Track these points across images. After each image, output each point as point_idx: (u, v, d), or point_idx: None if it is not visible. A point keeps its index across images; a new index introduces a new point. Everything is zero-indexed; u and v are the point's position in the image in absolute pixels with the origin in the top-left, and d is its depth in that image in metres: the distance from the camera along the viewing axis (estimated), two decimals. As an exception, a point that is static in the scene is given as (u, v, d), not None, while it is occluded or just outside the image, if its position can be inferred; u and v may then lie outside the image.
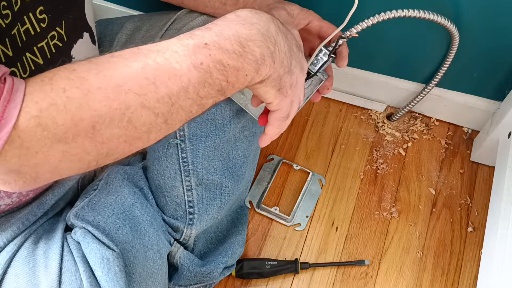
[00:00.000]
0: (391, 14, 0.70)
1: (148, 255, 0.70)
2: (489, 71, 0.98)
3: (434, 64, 0.99)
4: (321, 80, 0.72)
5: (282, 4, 0.73)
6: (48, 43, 0.57)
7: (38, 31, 0.55)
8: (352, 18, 0.68)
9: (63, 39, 0.60)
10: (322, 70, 0.71)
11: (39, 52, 0.56)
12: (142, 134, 0.45)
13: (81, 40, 0.65)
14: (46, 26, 0.56)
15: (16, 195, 0.66)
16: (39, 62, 0.56)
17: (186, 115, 0.47)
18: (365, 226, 1.03)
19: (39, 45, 0.56)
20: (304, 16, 0.73)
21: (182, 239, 0.82)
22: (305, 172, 1.08)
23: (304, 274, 0.98)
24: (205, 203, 0.80)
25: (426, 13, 0.73)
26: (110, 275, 0.63)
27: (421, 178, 1.09)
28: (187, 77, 0.45)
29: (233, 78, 0.48)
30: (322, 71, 0.72)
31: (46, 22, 0.55)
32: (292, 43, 0.54)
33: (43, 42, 0.56)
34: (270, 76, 0.52)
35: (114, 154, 0.46)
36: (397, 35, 0.96)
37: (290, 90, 0.55)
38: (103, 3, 1.14)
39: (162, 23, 0.82)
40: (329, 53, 0.71)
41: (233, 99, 0.74)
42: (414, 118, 1.15)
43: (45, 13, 0.55)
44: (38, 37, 0.55)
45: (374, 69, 1.07)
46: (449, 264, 0.99)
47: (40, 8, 0.54)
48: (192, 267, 0.84)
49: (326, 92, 0.75)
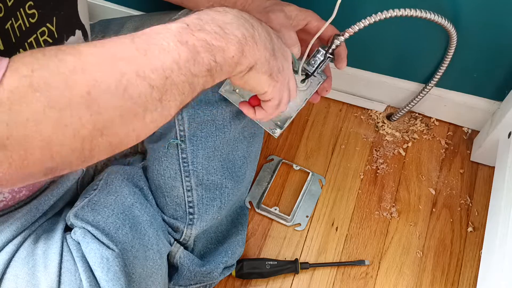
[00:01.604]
0: (387, 13, 0.70)
1: (148, 255, 0.70)
2: (489, 71, 0.98)
3: (433, 63, 0.99)
4: (319, 81, 0.72)
5: (280, 6, 0.72)
6: (37, 39, 0.56)
7: (28, 27, 0.54)
8: (350, 18, 0.68)
9: (54, 36, 0.59)
10: (320, 71, 0.71)
11: (29, 48, 0.55)
12: (138, 110, 0.43)
13: (72, 37, 0.65)
14: (35, 21, 0.54)
15: (8, 191, 0.65)
16: None
17: (179, 96, 0.46)
18: (365, 226, 1.03)
19: (28, 40, 0.55)
20: (302, 17, 0.73)
21: (182, 239, 0.82)
22: (305, 172, 1.08)
23: (304, 274, 0.98)
24: (205, 203, 0.80)
25: (423, 12, 0.73)
26: (110, 275, 0.63)
27: (421, 178, 1.09)
28: (177, 52, 0.45)
29: (220, 58, 0.48)
30: (320, 72, 0.71)
31: (35, 18, 0.54)
32: (269, 30, 0.56)
33: (32, 38, 0.55)
34: (258, 60, 0.52)
35: (109, 134, 0.42)
36: (397, 35, 0.96)
37: (280, 75, 0.57)
38: (103, 3, 1.14)
39: (163, 23, 0.82)
40: (325, 53, 0.70)
41: (230, 100, 0.75)
42: (414, 118, 1.15)
43: (34, 8, 0.54)
44: (28, 33, 0.54)
45: (374, 69, 1.07)
46: (449, 264, 0.99)
47: (29, 3, 0.53)
48: (192, 267, 0.84)
49: (325, 94, 0.75)
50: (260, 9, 0.73)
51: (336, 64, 0.74)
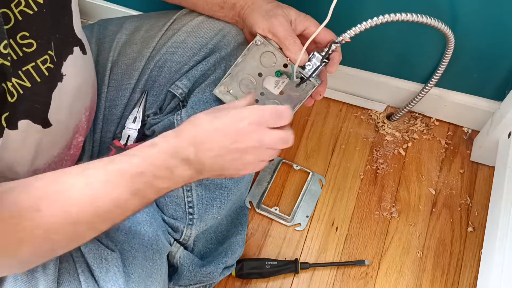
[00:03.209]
0: (384, 18, 0.69)
1: (147, 255, 0.70)
2: (489, 71, 0.98)
3: (433, 63, 0.99)
4: (314, 86, 0.72)
5: (281, 10, 0.72)
6: (36, 66, 0.57)
7: (21, 56, 0.55)
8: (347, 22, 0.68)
9: (53, 60, 0.60)
10: (315, 75, 0.71)
11: (25, 76, 0.55)
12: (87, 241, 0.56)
13: (71, 56, 0.65)
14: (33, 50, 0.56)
15: None
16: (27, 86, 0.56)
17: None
18: (365, 226, 1.03)
19: (24, 68, 0.55)
20: (301, 22, 0.73)
21: (182, 239, 0.82)
22: (305, 172, 1.08)
23: (304, 274, 0.98)
24: (205, 203, 0.80)
25: (419, 17, 0.73)
26: (109, 275, 0.63)
27: (421, 178, 1.09)
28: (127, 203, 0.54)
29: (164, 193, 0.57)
30: (315, 77, 0.71)
31: (34, 47, 0.55)
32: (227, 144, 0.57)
33: (29, 66, 0.56)
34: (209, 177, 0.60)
35: None
36: (397, 35, 0.96)
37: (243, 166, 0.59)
38: (103, 3, 1.14)
39: (162, 23, 0.82)
40: (322, 58, 0.71)
41: (224, 101, 0.75)
42: (414, 118, 1.15)
43: (31, 38, 0.55)
44: (22, 61, 0.55)
45: (374, 69, 1.07)
46: (449, 264, 0.99)
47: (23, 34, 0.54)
48: (192, 267, 0.84)
49: (319, 98, 0.75)
50: (262, 13, 0.73)
51: (327, 67, 0.73)
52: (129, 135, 0.81)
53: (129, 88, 0.81)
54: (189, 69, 0.80)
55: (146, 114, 0.81)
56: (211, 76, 0.79)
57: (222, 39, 0.79)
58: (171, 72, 0.80)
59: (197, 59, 0.79)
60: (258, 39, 0.72)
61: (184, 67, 0.80)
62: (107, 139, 0.81)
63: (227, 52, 0.79)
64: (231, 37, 0.80)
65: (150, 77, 0.81)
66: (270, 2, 0.74)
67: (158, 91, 0.81)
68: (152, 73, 0.81)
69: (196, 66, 0.79)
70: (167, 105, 0.81)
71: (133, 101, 0.81)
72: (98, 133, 0.81)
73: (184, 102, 0.80)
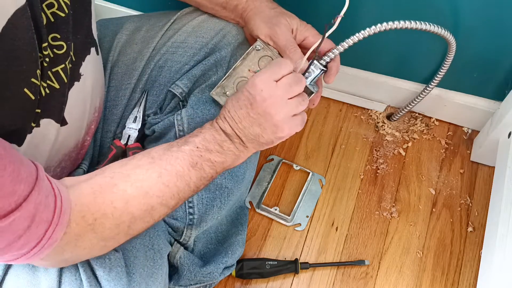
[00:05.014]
0: (381, 27, 0.69)
1: (148, 255, 0.70)
2: (489, 71, 0.98)
3: (434, 64, 1.00)
4: (311, 93, 0.72)
5: (284, 17, 0.73)
6: (65, 68, 0.59)
7: (52, 57, 0.57)
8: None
9: (72, 60, 0.62)
10: (313, 83, 0.72)
11: (54, 76, 0.58)
12: (157, 220, 0.62)
13: (88, 57, 0.66)
14: (64, 52, 0.59)
15: None
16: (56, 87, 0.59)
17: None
18: (365, 226, 1.03)
19: (54, 70, 0.58)
20: (301, 31, 0.73)
21: (182, 239, 0.82)
22: (305, 172, 1.08)
23: (304, 274, 0.98)
24: (205, 203, 0.80)
25: (418, 24, 0.72)
26: (112, 274, 0.63)
27: (421, 178, 1.09)
28: (189, 176, 0.62)
29: (220, 169, 0.65)
30: (313, 84, 0.72)
31: (64, 49, 0.59)
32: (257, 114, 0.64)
33: (59, 67, 0.59)
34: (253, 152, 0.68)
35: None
36: (397, 36, 0.96)
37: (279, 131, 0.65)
38: (103, 3, 1.14)
39: (162, 23, 0.82)
40: (320, 65, 0.71)
41: (221, 103, 0.75)
42: (414, 118, 1.15)
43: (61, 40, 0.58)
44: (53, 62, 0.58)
45: (374, 69, 1.07)
46: (449, 264, 0.99)
47: (54, 35, 0.57)
48: (192, 267, 0.84)
49: (312, 106, 0.75)
50: (264, 19, 0.73)
51: (324, 77, 0.74)
52: (129, 134, 0.81)
53: (129, 88, 0.81)
54: (190, 69, 0.80)
55: (146, 114, 0.81)
56: (212, 77, 0.79)
57: (223, 38, 0.79)
58: (172, 72, 0.80)
59: (197, 59, 0.80)
60: (259, 44, 0.72)
61: (184, 67, 0.80)
62: (107, 139, 0.81)
63: (228, 52, 0.79)
64: (232, 37, 0.80)
65: (150, 77, 0.81)
66: (274, 8, 0.75)
67: (158, 90, 0.81)
68: (152, 73, 0.81)
69: (196, 66, 0.79)
70: (167, 105, 0.81)
71: (133, 101, 0.81)
72: (99, 133, 0.81)
73: (184, 101, 0.80)
